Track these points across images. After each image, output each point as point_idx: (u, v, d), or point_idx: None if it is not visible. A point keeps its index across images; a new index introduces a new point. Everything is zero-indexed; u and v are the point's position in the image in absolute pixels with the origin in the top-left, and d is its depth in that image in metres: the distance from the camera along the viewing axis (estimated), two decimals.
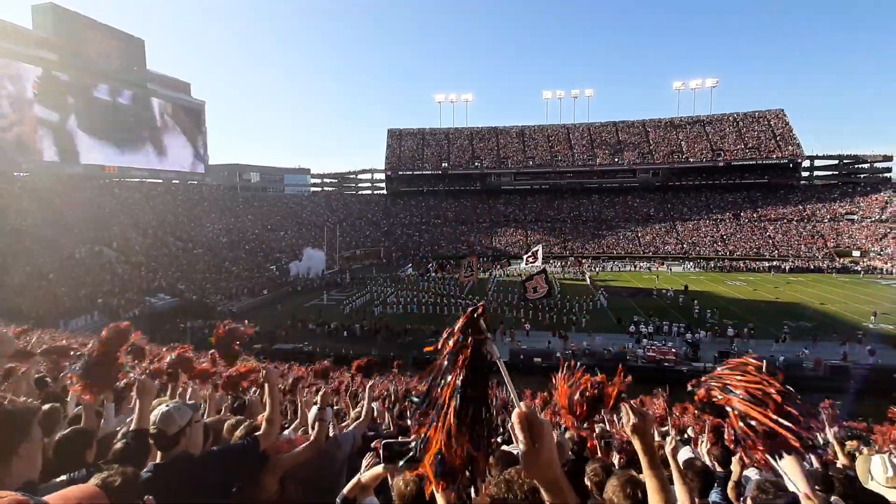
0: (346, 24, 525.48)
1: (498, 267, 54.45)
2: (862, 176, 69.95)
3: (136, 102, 56.96)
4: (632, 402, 1.61)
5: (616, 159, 75.53)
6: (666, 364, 22.20)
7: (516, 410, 0.99)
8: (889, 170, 68.42)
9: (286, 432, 3.12)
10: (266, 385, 2.54)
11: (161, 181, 61.81)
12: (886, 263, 50.69)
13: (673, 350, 23.40)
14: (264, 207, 70.36)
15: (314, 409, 2.49)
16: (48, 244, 34.59)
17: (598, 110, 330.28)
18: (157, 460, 2.05)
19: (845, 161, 71.33)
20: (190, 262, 41.87)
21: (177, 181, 64.15)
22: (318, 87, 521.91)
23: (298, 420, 3.80)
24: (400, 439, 1.45)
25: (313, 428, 2.58)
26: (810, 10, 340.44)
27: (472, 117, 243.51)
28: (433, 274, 50.16)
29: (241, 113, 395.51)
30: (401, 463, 1.41)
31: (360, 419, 3.39)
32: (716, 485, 2.79)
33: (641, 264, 56.78)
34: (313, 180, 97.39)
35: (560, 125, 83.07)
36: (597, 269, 54.39)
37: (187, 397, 3.47)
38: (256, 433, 2.42)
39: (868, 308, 31.69)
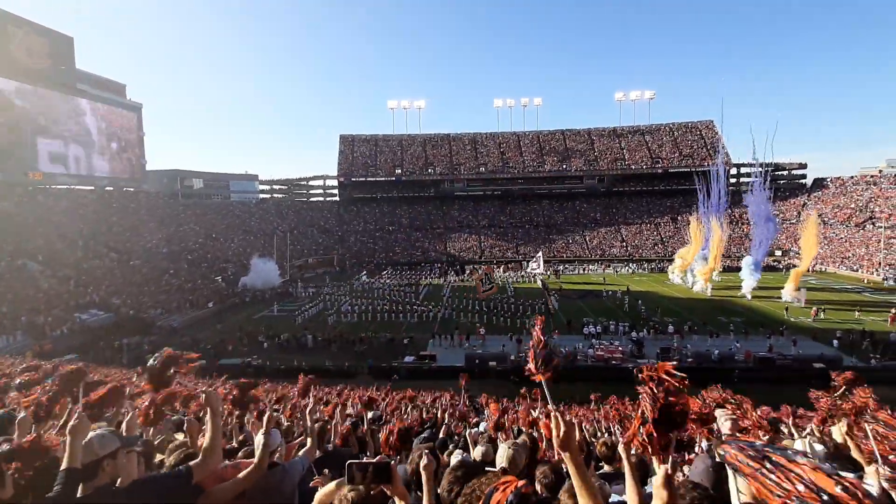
0: (295, 25, 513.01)
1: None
2: (781, 182, 76.48)
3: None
4: (560, 410, 1.57)
5: (564, 166, 78.32)
6: (614, 362, 23.26)
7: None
8: (804, 176, 75.68)
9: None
10: (208, 410, 2.26)
11: (93, 188, 57.50)
12: None
13: (619, 348, 24.56)
14: (208, 215, 66.95)
15: (259, 435, 2.32)
16: None
17: (546, 119, 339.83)
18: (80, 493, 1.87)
19: (767, 168, 77.75)
20: (126, 275, 39.14)
21: (111, 188, 59.93)
22: (267, 90, 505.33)
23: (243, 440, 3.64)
24: (364, 459, 1.46)
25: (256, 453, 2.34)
26: (732, 31, 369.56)
27: (424, 124, 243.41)
28: (389, 281, 49.78)
29: (182, 116, 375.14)
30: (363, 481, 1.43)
31: (307, 447, 3.18)
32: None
33: (590, 267, 59.09)
34: (262, 187, 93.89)
35: (511, 133, 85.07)
36: (548, 272, 55.98)
37: (123, 427, 3.13)
38: (191, 462, 2.16)
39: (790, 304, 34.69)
